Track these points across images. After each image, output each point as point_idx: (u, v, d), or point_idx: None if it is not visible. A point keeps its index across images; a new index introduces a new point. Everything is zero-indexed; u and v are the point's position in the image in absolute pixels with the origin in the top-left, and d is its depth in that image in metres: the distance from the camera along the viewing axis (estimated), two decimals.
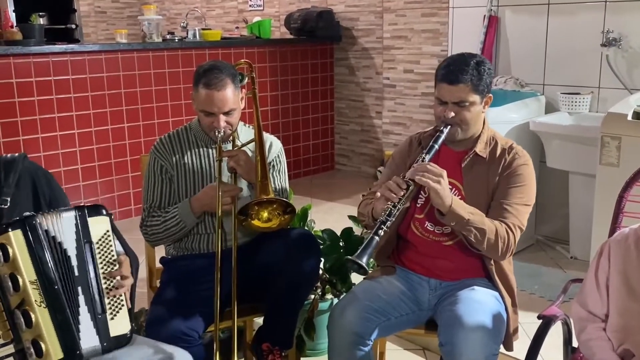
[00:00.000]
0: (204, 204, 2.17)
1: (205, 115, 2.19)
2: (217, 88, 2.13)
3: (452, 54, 2.09)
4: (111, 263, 1.79)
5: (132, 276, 1.85)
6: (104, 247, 1.79)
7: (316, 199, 5.04)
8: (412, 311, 2.09)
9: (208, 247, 2.27)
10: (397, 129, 5.59)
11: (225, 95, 2.15)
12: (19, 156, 1.91)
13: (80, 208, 1.77)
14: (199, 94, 2.17)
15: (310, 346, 2.69)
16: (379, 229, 1.87)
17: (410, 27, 5.30)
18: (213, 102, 2.14)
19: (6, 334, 1.65)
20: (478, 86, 1.99)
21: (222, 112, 2.16)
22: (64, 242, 1.72)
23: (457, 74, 1.98)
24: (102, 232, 1.79)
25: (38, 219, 1.69)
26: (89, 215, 1.77)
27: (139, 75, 4.66)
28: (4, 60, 4.01)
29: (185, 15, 6.72)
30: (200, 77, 2.17)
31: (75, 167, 4.44)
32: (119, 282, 1.79)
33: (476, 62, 2.01)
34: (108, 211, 1.83)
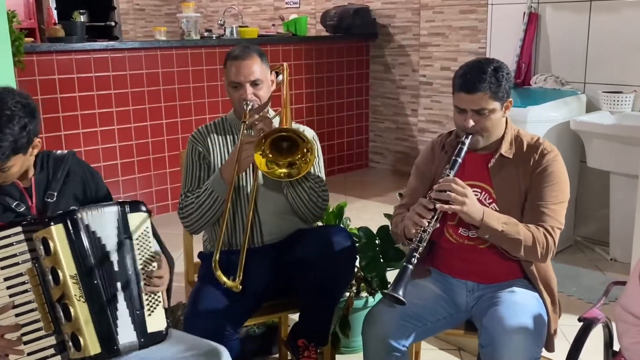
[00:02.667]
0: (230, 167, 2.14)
1: (233, 89, 2.22)
2: (244, 58, 2.19)
3: (468, 61, 2.04)
4: (149, 260, 1.82)
5: (168, 275, 1.87)
6: (143, 243, 1.81)
7: (350, 197, 5.04)
8: (449, 314, 2.07)
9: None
10: (433, 127, 5.55)
11: (252, 65, 2.19)
12: (68, 153, 1.95)
13: (122, 204, 1.80)
14: (228, 69, 2.22)
15: (345, 343, 2.69)
16: (411, 257, 1.87)
17: (448, 24, 5.25)
18: (240, 71, 2.19)
19: (48, 326, 1.69)
20: (497, 93, 1.95)
21: (248, 80, 2.18)
22: (104, 237, 1.75)
23: (474, 82, 1.94)
24: (142, 228, 1.82)
25: (79, 213, 1.72)
26: (129, 211, 1.80)
27: (177, 72, 4.72)
28: (47, 57, 4.11)
29: (223, 12, 6.77)
30: (229, 55, 2.24)
31: (115, 162, 4.52)
32: (156, 280, 1.82)
33: (493, 68, 1.96)
34: (148, 208, 1.86)
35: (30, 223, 1.70)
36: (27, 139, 1.72)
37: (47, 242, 1.67)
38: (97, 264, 1.73)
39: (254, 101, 2.20)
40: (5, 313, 1.66)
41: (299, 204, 2.22)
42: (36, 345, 1.68)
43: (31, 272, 1.68)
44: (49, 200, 1.83)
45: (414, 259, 1.87)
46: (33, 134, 1.74)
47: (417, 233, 1.90)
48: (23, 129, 1.69)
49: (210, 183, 2.19)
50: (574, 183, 3.85)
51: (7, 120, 1.67)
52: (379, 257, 2.53)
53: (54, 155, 1.92)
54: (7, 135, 1.66)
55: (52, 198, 1.84)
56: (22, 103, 1.71)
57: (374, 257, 2.52)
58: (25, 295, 1.68)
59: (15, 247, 1.68)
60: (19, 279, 1.68)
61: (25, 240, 1.68)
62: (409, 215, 1.94)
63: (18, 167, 1.75)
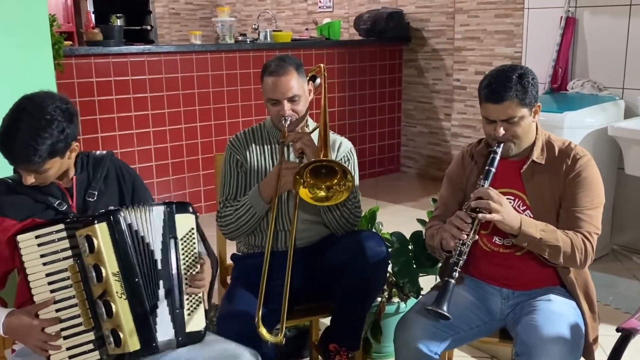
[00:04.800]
0: (269, 187, 2.17)
1: (271, 104, 2.23)
2: (280, 74, 2.18)
3: (491, 70, 2.01)
4: (193, 261, 1.84)
5: (211, 277, 1.89)
6: (188, 244, 1.83)
7: (382, 201, 5.03)
8: (483, 322, 2.05)
9: (278, 245, 2.30)
10: (466, 132, 5.50)
11: (289, 81, 2.18)
12: (107, 153, 2.00)
13: (169, 204, 1.82)
14: (265, 83, 2.22)
15: (376, 349, 2.68)
16: (453, 271, 1.86)
17: (482, 28, 5.20)
18: (277, 88, 2.18)
19: (88, 322, 1.72)
20: (524, 99, 1.92)
21: (286, 97, 2.19)
22: (148, 235, 1.77)
23: (500, 92, 1.91)
24: (187, 229, 1.84)
25: (122, 212, 1.76)
26: (176, 212, 1.82)
27: (212, 75, 4.78)
28: (85, 60, 4.20)
29: (257, 17, 6.83)
30: (265, 69, 2.24)
31: (150, 164, 4.59)
32: (199, 282, 1.83)
33: (518, 75, 1.93)
34: (194, 209, 1.88)
35: (73, 221, 1.74)
36: (65, 143, 1.76)
37: (91, 240, 1.70)
38: (139, 262, 1.75)
39: (292, 116, 2.21)
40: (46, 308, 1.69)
41: (331, 220, 2.25)
42: (75, 341, 1.71)
43: (73, 269, 1.71)
44: (89, 200, 1.87)
45: (455, 273, 1.86)
46: (71, 138, 1.78)
47: (456, 246, 1.89)
48: (61, 133, 1.73)
49: (249, 199, 2.22)
50: (611, 190, 3.78)
51: (47, 124, 1.71)
52: (412, 263, 2.52)
53: (93, 155, 1.97)
54: (45, 139, 1.70)
55: (93, 197, 1.88)
56: (61, 108, 1.75)
57: (407, 262, 2.51)
58: (66, 291, 1.71)
59: (57, 244, 1.71)
60: (60, 275, 1.71)
61: (67, 238, 1.72)
62: (447, 228, 1.93)
63: (55, 169, 1.79)
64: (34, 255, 1.70)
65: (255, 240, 2.34)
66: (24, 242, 1.70)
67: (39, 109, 1.71)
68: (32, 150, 1.68)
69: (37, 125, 1.70)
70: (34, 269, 1.70)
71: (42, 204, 1.82)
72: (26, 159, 1.69)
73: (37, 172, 1.74)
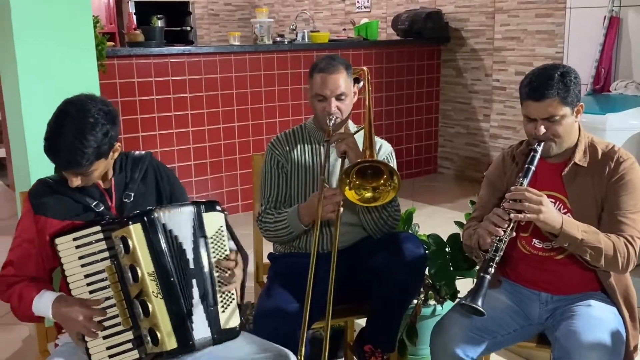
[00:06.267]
0: (309, 213, 2.19)
1: (318, 101, 2.25)
2: (330, 71, 2.21)
3: (533, 69, 1.98)
4: (224, 258, 1.86)
5: (242, 273, 1.90)
6: (218, 242, 1.85)
7: (418, 202, 5.00)
8: (521, 326, 2.02)
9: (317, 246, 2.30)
10: (505, 133, 5.43)
11: (338, 79, 2.21)
12: (146, 154, 2.02)
13: (197, 203, 1.84)
14: (314, 80, 2.24)
15: (411, 351, 2.67)
16: (488, 267, 1.84)
17: (523, 28, 5.12)
18: (326, 85, 2.21)
19: (126, 322, 1.75)
20: (566, 98, 1.89)
21: (334, 94, 2.21)
22: (180, 235, 1.79)
23: (541, 89, 1.89)
24: (217, 227, 1.86)
25: (156, 213, 1.77)
26: (204, 211, 1.84)
27: (250, 76, 4.82)
28: (127, 61, 4.28)
29: (295, 17, 6.85)
30: (316, 66, 2.26)
31: (189, 163, 4.66)
32: (230, 278, 1.85)
33: (560, 73, 1.90)
34: (223, 207, 1.90)
35: (109, 222, 1.77)
36: (109, 145, 1.78)
37: (126, 241, 1.72)
38: (173, 261, 1.77)
39: (337, 114, 2.23)
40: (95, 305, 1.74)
41: (370, 223, 2.25)
42: (114, 340, 1.74)
43: (110, 270, 1.74)
44: (126, 201, 1.90)
45: (490, 269, 1.84)
46: (114, 140, 1.81)
47: (492, 243, 1.87)
48: (105, 135, 1.75)
49: (288, 219, 2.24)
50: None
51: (91, 127, 1.73)
52: (449, 265, 2.50)
53: (132, 156, 1.99)
54: (90, 141, 1.72)
55: (130, 198, 1.90)
56: (104, 110, 1.77)
57: (444, 265, 2.49)
58: (104, 291, 1.75)
59: (94, 245, 1.75)
60: (98, 276, 1.75)
61: (104, 239, 1.75)
62: (484, 225, 1.91)
63: (100, 170, 1.82)
64: (72, 257, 1.74)
65: (292, 241, 2.35)
66: (62, 244, 1.74)
67: (82, 112, 1.73)
68: (80, 153, 1.71)
69: (81, 128, 1.72)
70: (73, 270, 1.74)
71: (81, 205, 1.85)
72: (74, 163, 1.72)
73: (83, 174, 1.77)
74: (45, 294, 1.79)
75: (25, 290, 1.80)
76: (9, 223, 4.64)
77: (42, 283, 1.86)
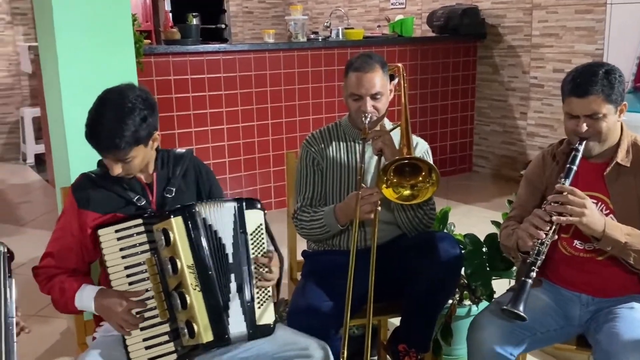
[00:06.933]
0: (346, 213, 2.18)
1: (353, 100, 2.23)
2: (366, 70, 2.19)
3: (577, 66, 1.95)
4: (262, 256, 1.87)
5: (278, 271, 1.91)
6: (257, 239, 1.87)
7: (453, 201, 4.94)
8: (561, 327, 1.98)
9: (349, 244, 2.30)
10: (543, 131, 5.33)
11: (374, 78, 2.18)
12: (187, 152, 2.06)
13: (239, 200, 1.87)
14: (349, 78, 2.22)
15: (446, 351, 2.64)
16: (530, 271, 1.81)
17: (562, 24, 5.02)
18: (361, 83, 2.18)
19: (163, 314, 1.78)
20: (610, 96, 1.85)
21: (369, 93, 2.19)
22: (220, 230, 1.82)
23: (585, 86, 1.85)
24: (256, 224, 1.88)
25: (197, 207, 1.80)
26: (246, 208, 1.86)
27: (284, 74, 4.83)
28: (163, 59, 4.33)
29: (329, 14, 6.84)
30: (351, 64, 2.23)
31: (223, 160, 4.69)
32: (267, 275, 1.86)
33: (605, 71, 1.86)
34: (262, 206, 1.91)
35: (151, 216, 1.81)
36: (148, 131, 1.81)
37: (167, 233, 1.75)
38: (212, 255, 1.80)
39: (373, 113, 2.21)
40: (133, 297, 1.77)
41: (405, 221, 2.24)
42: (151, 332, 1.77)
43: (150, 262, 1.78)
44: (167, 196, 1.93)
45: (532, 273, 1.81)
46: (153, 127, 1.83)
47: (534, 246, 1.83)
48: (143, 120, 1.78)
49: (324, 218, 2.23)
50: None
51: (129, 111, 1.76)
52: (486, 266, 2.47)
53: (173, 153, 2.03)
54: (128, 125, 1.75)
55: (171, 194, 1.94)
56: (142, 97, 1.81)
57: (480, 265, 2.45)
58: (143, 283, 1.78)
59: (135, 238, 1.79)
60: (138, 268, 1.78)
61: (145, 232, 1.79)
62: (524, 227, 1.88)
63: (140, 159, 1.84)
64: (114, 249, 1.78)
65: (327, 239, 2.35)
66: (104, 235, 1.78)
67: (121, 97, 1.78)
68: (119, 136, 1.74)
69: (120, 112, 1.75)
70: (114, 261, 1.78)
71: (123, 199, 1.89)
72: (113, 145, 1.75)
73: (123, 161, 1.80)
74: (87, 288, 1.83)
75: (67, 283, 1.84)
76: (48, 217, 4.74)
77: (82, 276, 1.90)
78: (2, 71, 6.87)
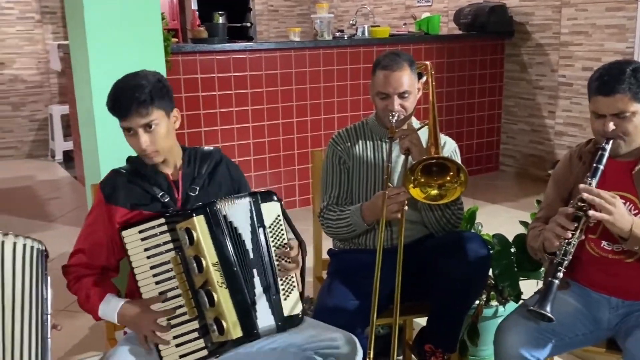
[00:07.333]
0: (373, 212, 2.18)
1: (380, 98, 2.22)
2: (394, 69, 2.17)
3: (604, 64, 1.91)
4: (282, 246, 1.88)
5: (301, 259, 1.92)
6: (276, 231, 1.88)
7: (479, 201, 4.90)
8: (590, 331, 1.96)
9: (375, 243, 2.30)
10: (571, 130, 5.25)
11: (402, 76, 2.17)
12: (215, 149, 2.08)
13: (253, 194, 1.88)
14: (376, 77, 2.21)
15: (472, 352, 2.62)
16: (556, 271, 1.79)
17: (592, 22, 4.94)
18: (389, 82, 2.17)
19: (192, 311, 1.79)
20: (638, 94, 1.82)
21: (397, 92, 2.17)
22: (240, 226, 1.83)
23: (612, 84, 1.82)
24: (274, 217, 1.89)
25: (218, 205, 1.82)
26: (261, 201, 1.87)
27: (309, 72, 4.83)
28: (190, 57, 4.36)
29: (355, 12, 6.83)
30: (378, 63, 2.22)
31: (248, 158, 4.72)
32: (289, 265, 1.87)
33: (633, 69, 1.83)
34: (278, 197, 1.93)
35: (173, 215, 1.81)
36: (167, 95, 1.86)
37: (190, 232, 1.76)
38: (235, 251, 1.81)
39: (400, 112, 2.20)
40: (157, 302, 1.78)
41: (432, 221, 2.22)
42: (180, 330, 1.78)
43: (175, 261, 1.79)
44: (191, 194, 1.94)
45: (559, 273, 1.78)
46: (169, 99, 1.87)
47: (561, 246, 1.81)
48: (159, 82, 1.85)
49: (351, 217, 2.23)
50: None
51: (144, 75, 1.85)
52: (513, 266, 2.44)
53: (200, 151, 2.04)
54: (145, 83, 1.82)
55: (195, 192, 1.95)
56: (152, 73, 1.89)
57: (508, 265, 2.43)
58: (169, 282, 1.79)
59: (159, 237, 1.80)
60: (164, 267, 1.79)
61: (168, 231, 1.79)
62: (550, 227, 1.85)
63: (163, 129, 1.85)
64: (139, 249, 1.79)
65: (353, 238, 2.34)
66: (128, 237, 1.79)
67: (134, 72, 1.88)
68: (139, 90, 1.80)
69: (136, 77, 1.84)
70: (139, 262, 1.79)
71: (149, 195, 1.91)
72: (135, 100, 1.79)
73: (148, 126, 1.81)
74: (112, 302, 1.84)
75: (92, 293, 1.86)
76: (76, 213, 4.81)
77: (107, 285, 1.91)
78: (31, 69, 6.99)
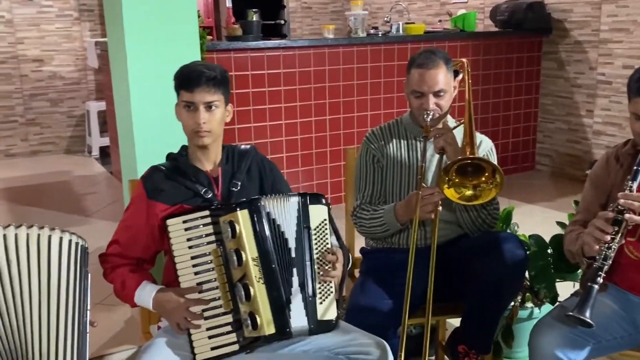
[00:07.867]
0: (406, 212, 2.15)
1: (415, 97, 2.19)
2: (429, 67, 2.14)
3: None
4: (326, 251, 1.87)
5: (342, 268, 1.90)
6: (320, 234, 1.87)
7: (515, 200, 4.83)
8: (628, 334, 1.91)
9: (408, 242, 2.28)
10: (610, 130, 5.14)
11: (437, 75, 2.14)
12: (251, 148, 2.10)
13: (303, 195, 1.88)
14: (411, 75, 2.18)
15: (507, 353, 2.59)
16: (596, 276, 1.75)
17: (633, 19, 4.82)
18: (424, 80, 2.14)
19: (227, 304, 1.80)
20: None
21: (432, 91, 2.14)
22: (284, 224, 1.84)
23: None
24: (320, 219, 1.88)
25: (262, 201, 1.83)
26: (310, 203, 1.87)
27: (343, 69, 4.82)
28: (225, 55, 4.39)
29: (389, 9, 6.78)
30: (413, 61, 2.19)
31: (281, 155, 4.73)
32: (330, 272, 1.86)
33: None
34: (327, 201, 1.92)
35: (217, 208, 1.84)
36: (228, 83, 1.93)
37: (233, 225, 1.78)
38: (276, 249, 1.82)
39: (435, 111, 2.17)
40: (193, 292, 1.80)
41: (467, 221, 2.20)
42: (214, 322, 1.80)
43: (215, 253, 1.81)
44: (233, 190, 1.97)
45: (599, 278, 1.75)
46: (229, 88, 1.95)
47: (601, 250, 1.77)
48: (225, 72, 1.93)
49: (384, 216, 2.21)
50: None
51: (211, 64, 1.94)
52: (550, 268, 2.40)
53: (237, 149, 2.08)
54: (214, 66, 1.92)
55: (237, 187, 1.98)
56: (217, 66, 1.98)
57: (545, 267, 2.39)
58: (208, 274, 1.82)
59: (202, 229, 1.82)
60: (204, 259, 1.82)
61: (211, 224, 1.82)
62: (589, 231, 1.82)
63: (220, 114, 1.93)
64: (181, 239, 1.82)
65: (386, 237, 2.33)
66: (172, 226, 1.82)
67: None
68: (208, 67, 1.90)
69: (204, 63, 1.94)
70: (181, 251, 1.82)
71: (191, 191, 1.94)
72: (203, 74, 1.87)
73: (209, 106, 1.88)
74: (147, 287, 1.89)
75: (128, 278, 1.91)
76: (113, 208, 4.88)
77: (144, 273, 1.95)
78: (69, 66, 7.12)
